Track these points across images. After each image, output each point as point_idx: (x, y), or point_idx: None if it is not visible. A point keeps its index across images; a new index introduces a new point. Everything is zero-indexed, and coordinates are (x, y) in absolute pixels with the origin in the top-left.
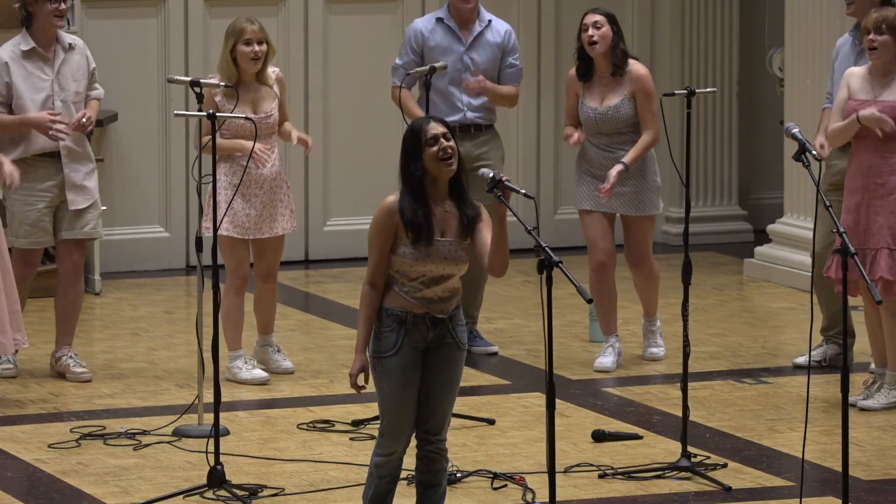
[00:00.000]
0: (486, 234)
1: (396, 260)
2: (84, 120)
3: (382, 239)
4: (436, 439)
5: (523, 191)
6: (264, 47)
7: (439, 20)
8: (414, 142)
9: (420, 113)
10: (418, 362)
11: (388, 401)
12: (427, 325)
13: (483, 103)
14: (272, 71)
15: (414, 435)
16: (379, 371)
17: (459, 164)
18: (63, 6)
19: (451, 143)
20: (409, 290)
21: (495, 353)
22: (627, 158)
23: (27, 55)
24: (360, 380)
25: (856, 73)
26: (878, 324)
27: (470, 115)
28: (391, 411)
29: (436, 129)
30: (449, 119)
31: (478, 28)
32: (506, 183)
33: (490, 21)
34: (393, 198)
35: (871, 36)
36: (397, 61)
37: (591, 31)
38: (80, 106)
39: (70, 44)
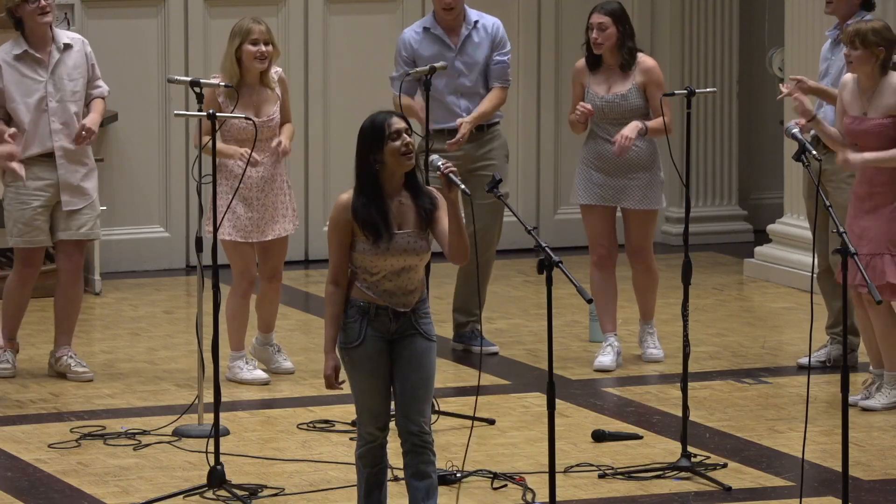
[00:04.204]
0: (444, 221)
1: (357, 256)
2: (83, 133)
3: (340, 237)
4: (417, 431)
5: (462, 186)
6: (270, 48)
7: (426, 29)
8: (376, 135)
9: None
10: (385, 351)
11: (360, 390)
12: (390, 317)
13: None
14: (274, 72)
15: (398, 433)
16: (347, 362)
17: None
18: (43, 2)
19: (411, 138)
20: (371, 284)
21: (496, 353)
22: (650, 123)
23: (19, 58)
24: (335, 379)
25: (848, 85)
26: (872, 326)
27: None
28: (364, 400)
29: (398, 123)
30: (449, 125)
31: (465, 31)
32: (449, 175)
33: (476, 21)
34: (346, 195)
35: (846, 51)
36: (393, 73)
37: (595, 33)
38: (79, 105)
39: (66, 43)
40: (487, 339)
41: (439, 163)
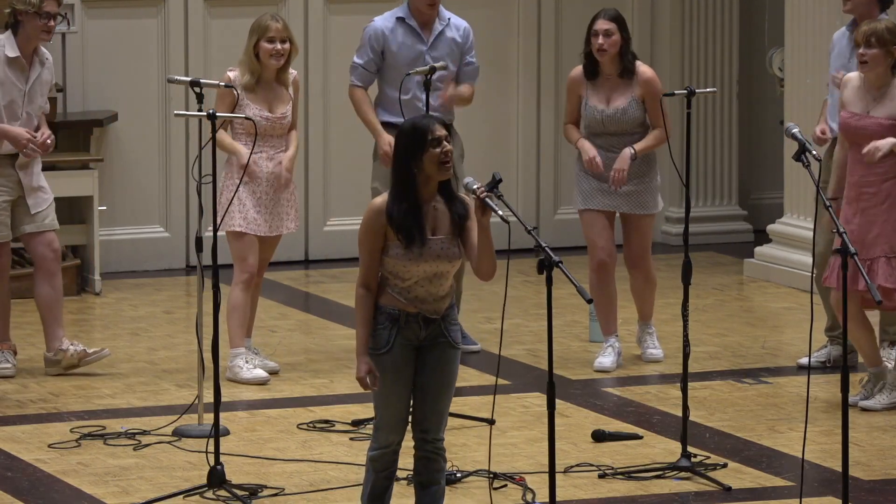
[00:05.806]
0: (474, 232)
1: (389, 261)
2: (49, 142)
3: (372, 240)
4: (433, 439)
5: (500, 212)
6: (287, 46)
7: (400, 19)
8: (417, 140)
9: (373, 118)
10: (411, 359)
11: (382, 396)
12: (419, 324)
13: (443, 105)
14: (290, 73)
15: (412, 436)
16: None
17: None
18: (52, 23)
19: (450, 146)
20: (402, 290)
21: (477, 352)
22: (638, 146)
23: (10, 62)
24: (370, 381)
25: (851, 82)
26: (862, 326)
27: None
28: (384, 406)
29: (440, 131)
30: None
31: (438, 27)
32: (486, 200)
33: (449, 19)
34: (381, 199)
35: (861, 50)
36: (356, 60)
37: (601, 39)
38: (38, 120)
39: (46, 58)
40: (471, 338)
41: (474, 186)
